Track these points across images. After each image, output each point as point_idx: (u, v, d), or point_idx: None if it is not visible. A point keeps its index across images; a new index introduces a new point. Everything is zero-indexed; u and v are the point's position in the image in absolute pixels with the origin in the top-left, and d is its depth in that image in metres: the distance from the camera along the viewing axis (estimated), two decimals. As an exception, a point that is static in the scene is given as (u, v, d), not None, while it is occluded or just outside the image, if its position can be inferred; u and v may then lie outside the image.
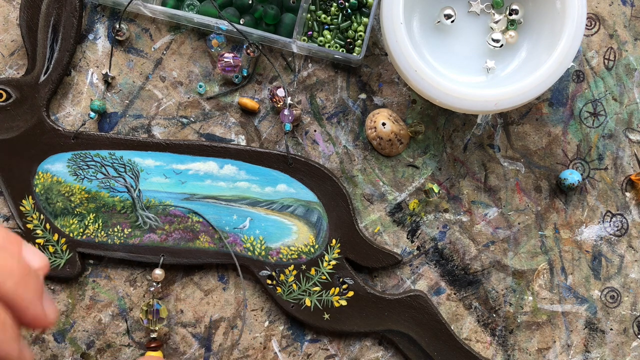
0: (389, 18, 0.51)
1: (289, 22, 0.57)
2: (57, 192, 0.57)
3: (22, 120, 0.57)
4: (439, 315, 0.56)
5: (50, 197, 0.57)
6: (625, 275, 0.58)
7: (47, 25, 0.57)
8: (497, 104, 0.51)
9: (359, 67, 0.58)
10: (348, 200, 0.57)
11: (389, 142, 0.57)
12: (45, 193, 0.57)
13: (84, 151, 0.57)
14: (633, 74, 0.59)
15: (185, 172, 0.57)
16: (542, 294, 0.58)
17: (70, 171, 0.57)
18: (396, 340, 0.56)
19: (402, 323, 0.56)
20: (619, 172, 0.59)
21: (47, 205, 0.57)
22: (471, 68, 0.56)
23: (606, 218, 0.58)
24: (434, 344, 0.56)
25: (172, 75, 0.59)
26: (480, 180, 0.59)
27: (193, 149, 0.57)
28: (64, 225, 0.57)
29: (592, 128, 0.59)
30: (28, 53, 0.57)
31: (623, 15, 0.59)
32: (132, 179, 0.57)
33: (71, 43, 0.57)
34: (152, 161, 0.57)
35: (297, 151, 0.58)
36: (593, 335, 0.58)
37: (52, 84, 0.57)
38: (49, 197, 0.57)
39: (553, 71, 0.51)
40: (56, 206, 0.57)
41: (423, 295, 0.57)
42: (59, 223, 0.57)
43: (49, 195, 0.57)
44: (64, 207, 0.57)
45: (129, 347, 0.58)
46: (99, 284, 0.58)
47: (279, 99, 0.57)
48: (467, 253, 0.58)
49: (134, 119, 0.59)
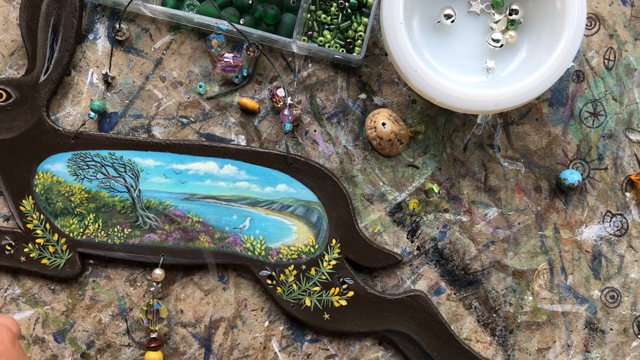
0: (389, 18, 0.51)
1: (289, 22, 0.57)
2: (57, 192, 0.57)
3: (22, 120, 0.57)
4: (439, 315, 0.56)
5: (51, 197, 0.57)
6: (625, 275, 0.58)
7: (47, 25, 0.57)
8: (497, 104, 0.51)
9: (359, 67, 0.58)
10: (348, 200, 0.57)
11: (389, 142, 0.57)
12: (46, 193, 0.57)
13: (84, 151, 0.57)
14: (633, 74, 0.59)
15: (185, 172, 0.57)
16: (542, 294, 0.58)
17: (71, 171, 0.57)
18: (396, 340, 0.56)
19: (402, 323, 0.56)
20: (619, 172, 0.59)
21: (47, 205, 0.57)
22: (471, 68, 0.56)
23: (606, 218, 0.58)
24: (434, 344, 0.56)
25: (172, 75, 0.59)
26: (480, 180, 0.59)
27: (193, 149, 0.57)
28: (64, 225, 0.57)
29: (592, 128, 0.59)
30: (28, 53, 0.57)
31: (623, 15, 0.59)
32: (132, 179, 0.57)
33: (71, 43, 0.57)
34: (152, 161, 0.57)
35: (297, 151, 0.58)
36: (593, 335, 0.58)
37: (52, 84, 0.57)
38: (49, 197, 0.57)
39: (553, 71, 0.51)
40: (56, 206, 0.57)
41: (423, 295, 0.57)
42: (59, 223, 0.57)
43: (49, 195, 0.57)
44: (64, 207, 0.57)
45: (129, 347, 0.58)
46: (99, 284, 0.58)
47: (279, 99, 0.57)
48: (467, 253, 0.58)
49: (134, 118, 0.59)
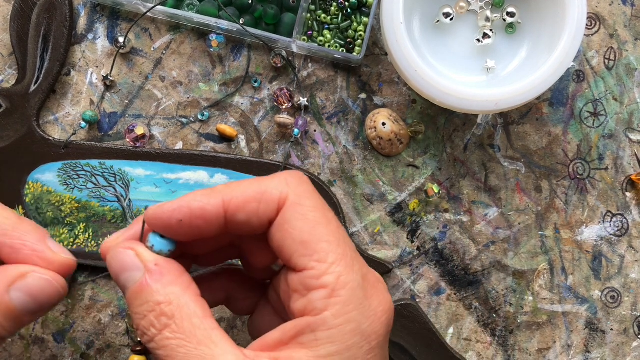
0: (389, 18, 0.51)
1: (289, 22, 0.57)
2: (48, 201, 0.57)
3: (12, 130, 0.57)
4: (430, 324, 0.56)
5: (41, 206, 0.57)
6: (625, 276, 0.58)
7: (37, 35, 0.57)
8: (497, 104, 0.51)
9: (359, 67, 0.58)
10: (339, 209, 0.56)
11: (389, 142, 0.57)
12: (36, 203, 0.57)
13: (74, 161, 0.57)
14: (633, 74, 0.59)
15: (175, 182, 0.57)
16: (543, 294, 0.58)
17: (61, 181, 0.57)
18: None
19: (392, 332, 0.56)
20: (619, 172, 0.58)
21: (37, 215, 0.57)
22: (471, 68, 0.56)
23: (606, 218, 0.58)
24: (425, 353, 0.56)
25: (172, 75, 0.59)
26: (480, 180, 0.58)
27: (183, 158, 0.57)
28: (55, 235, 0.56)
29: (593, 128, 0.59)
30: (18, 63, 0.57)
31: (623, 15, 0.59)
32: (122, 188, 0.57)
33: (61, 53, 0.57)
34: (142, 170, 0.57)
35: (297, 151, 0.58)
36: (593, 336, 0.58)
37: (43, 93, 0.57)
38: (39, 207, 0.57)
39: (553, 71, 0.51)
40: (46, 216, 0.57)
41: (414, 304, 0.56)
42: (50, 232, 0.56)
43: (39, 205, 0.57)
44: (54, 216, 0.57)
45: (128, 347, 0.58)
46: (98, 284, 0.58)
47: (283, 101, 0.57)
48: (467, 253, 0.58)
49: (134, 118, 0.59)
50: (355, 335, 0.36)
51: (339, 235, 0.39)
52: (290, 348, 0.37)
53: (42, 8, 0.57)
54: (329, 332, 0.36)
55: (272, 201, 0.38)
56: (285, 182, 0.39)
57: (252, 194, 0.38)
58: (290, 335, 0.37)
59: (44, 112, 0.58)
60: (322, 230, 0.38)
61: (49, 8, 0.57)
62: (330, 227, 0.38)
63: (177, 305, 0.37)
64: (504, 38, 0.56)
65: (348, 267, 0.37)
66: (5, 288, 0.39)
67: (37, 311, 0.40)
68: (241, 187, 0.39)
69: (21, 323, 0.40)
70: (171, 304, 0.36)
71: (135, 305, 0.37)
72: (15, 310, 0.39)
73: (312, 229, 0.37)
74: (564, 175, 0.58)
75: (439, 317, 0.58)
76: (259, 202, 0.38)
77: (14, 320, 0.40)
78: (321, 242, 0.37)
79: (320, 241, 0.37)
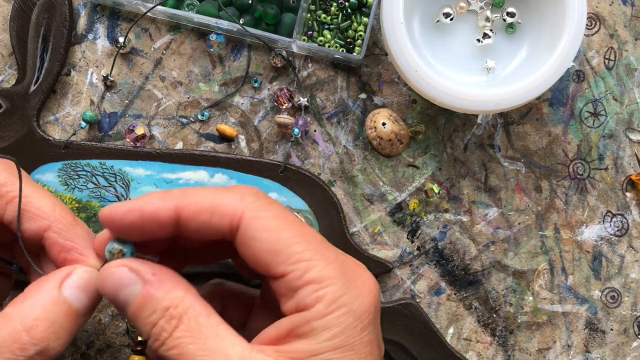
0: (389, 18, 0.51)
1: (289, 22, 0.57)
2: None
3: (12, 131, 0.57)
4: (430, 324, 0.56)
5: None
6: (625, 276, 0.58)
7: (37, 35, 0.57)
8: (497, 104, 0.51)
9: (359, 67, 0.58)
10: (339, 208, 0.56)
11: (389, 142, 0.57)
12: None
13: (74, 161, 0.57)
14: (633, 74, 0.59)
15: (176, 181, 0.57)
16: (543, 294, 0.58)
17: (61, 181, 0.57)
18: (388, 348, 0.56)
19: (393, 331, 0.56)
20: (619, 172, 0.58)
21: None
22: (471, 68, 0.56)
23: (606, 218, 0.58)
24: (426, 353, 0.56)
25: (172, 75, 0.59)
26: (480, 180, 0.58)
27: (183, 158, 0.57)
28: None
29: (593, 128, 0.59)
30: (18, 63, 0.57)
31: (623, 15, 0.59)
32: (122, 188, 0.57)
33: (61, 53, 0.57)
34: (142, 170, 0.57)
35: (297, 151, 0.58)
36: (593, 336, 0.58)
37: (43, 93, 0.57)
38: None
39: (553, 71, 0.51)
40: None
41: (414, 303, 0.56)
42: None
43: None
44: None
45: (128, 347, 0.58)
46: (98, 284, 0.58)
47: (283, 101, 0.57)
48: (467, 253, 0.58)
49: (134, 118, 0.59)
50: (349, 317, 0.38)
51: (306, 233, 0.40)
52: (289, 341, 0.38)
53: (42, 8, 0.57)
54: (324, 320, 0.37)
55: (225, 215, 0.39)
56: (240, 197, 0.40)
57: (205, 206, 0.39)
58: (286, 329, 0.38)
59: (44, 112, 0.58)
60: (287, 234, 0.39)
61: (48, 8, 0.57)
62: (295, 229, 0.39)
63: (183, 307, 0.38)
64: (504, 38, 0.56)
65: (325, 259, 0.38)
66: (57, 288, 0.40)
67: (90, 305, 0.42)
68: (196, 195, 0.40)
69: (78, 322, 0.41)
70: (177, 307, 0.38)
71: (144, 316, 0.38)
72: (72, 306, 0.40)
73: (278, 237, 0.38)
74: (564, 175, 0.58)
75: (439, 317, 0.58)
76: (211, 214, 0.39)
77: (76, 320, 0.41)
78: (291, 245, 0.38)
79: (289, 245, 0.38)
